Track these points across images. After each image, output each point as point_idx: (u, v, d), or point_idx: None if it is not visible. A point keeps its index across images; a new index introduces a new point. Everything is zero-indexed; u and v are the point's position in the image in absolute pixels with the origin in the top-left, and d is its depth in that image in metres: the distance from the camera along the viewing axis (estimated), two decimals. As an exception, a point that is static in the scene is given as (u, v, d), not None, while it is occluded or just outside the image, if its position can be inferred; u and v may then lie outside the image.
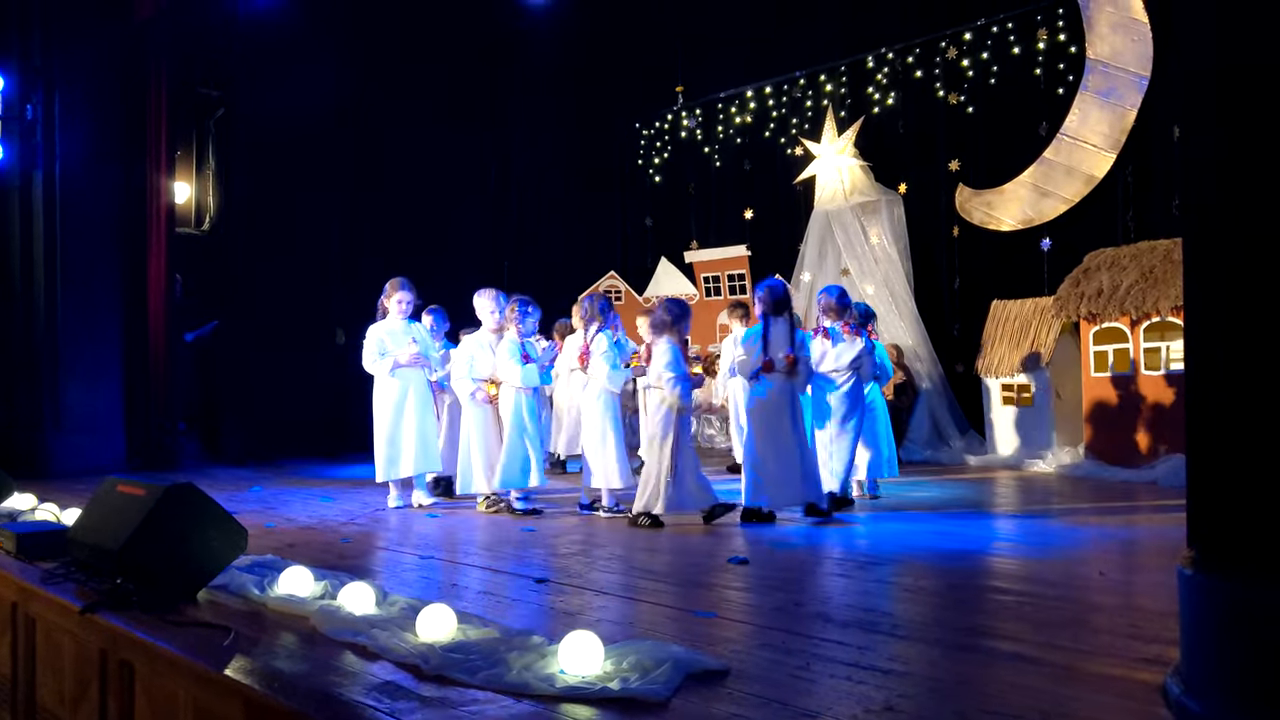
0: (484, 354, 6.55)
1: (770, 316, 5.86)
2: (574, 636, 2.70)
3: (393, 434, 6.63)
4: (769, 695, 2.54)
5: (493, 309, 6.63)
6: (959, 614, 3.53)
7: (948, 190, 10.56)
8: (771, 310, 5.87)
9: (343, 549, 4.97)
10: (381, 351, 6.64)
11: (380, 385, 6.71)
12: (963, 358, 10.26)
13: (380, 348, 6.65)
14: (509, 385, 6.37)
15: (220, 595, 3.65)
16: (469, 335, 6.90)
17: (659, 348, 5.88)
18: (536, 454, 6.31)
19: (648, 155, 13.85)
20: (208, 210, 10.75)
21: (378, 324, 6.80)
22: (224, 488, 7.50)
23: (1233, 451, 2.29)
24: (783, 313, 5.89)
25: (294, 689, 2.59)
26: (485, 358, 6.53)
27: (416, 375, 6.74)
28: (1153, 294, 8.07)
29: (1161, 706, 2.41)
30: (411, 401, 6.65)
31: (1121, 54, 9.26)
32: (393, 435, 6.63)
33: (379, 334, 6.72)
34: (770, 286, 5.96)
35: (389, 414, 6.63)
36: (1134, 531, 5.53)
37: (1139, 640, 3.05)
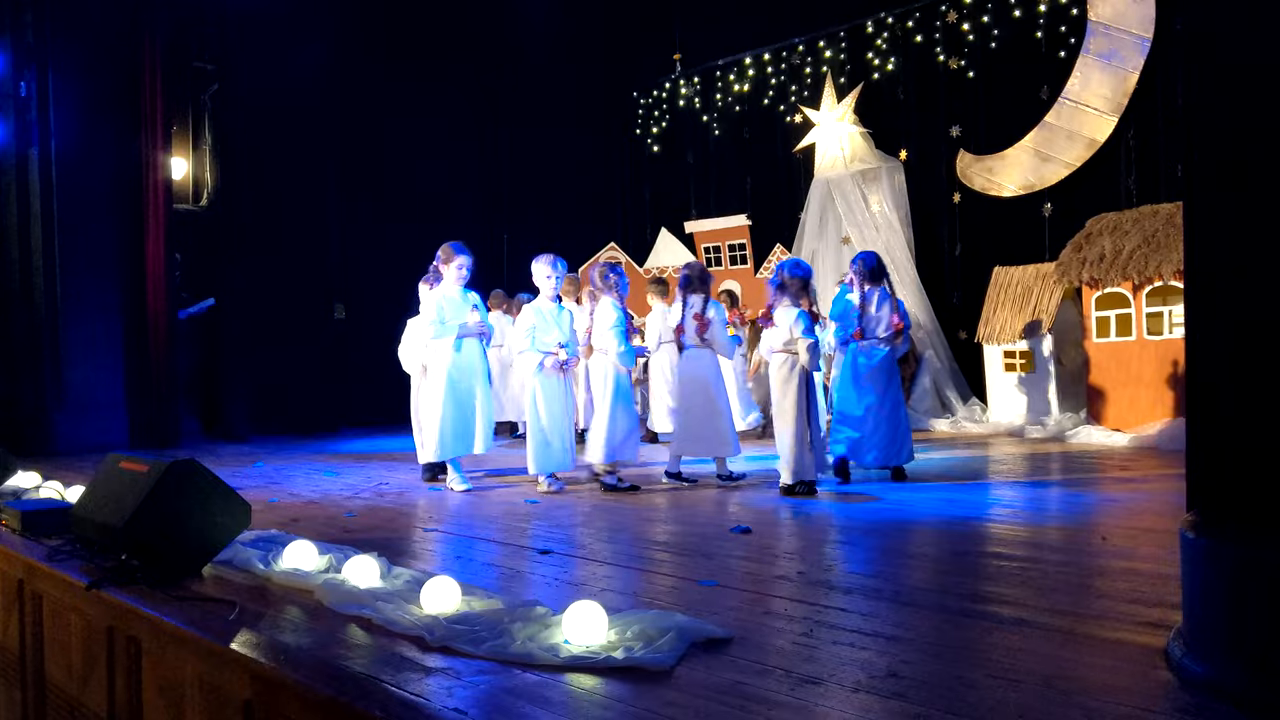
0: (546, 322, 6.14)
1: (869, 286, 6.23)
2: (578, 607, 2.71)
3: (459, 409, 6.12)
4: (773, 662, 2.55)
5: (549, 274, 6.19)
6: (962, 580, 3.54)
7: (948, 156, 10.49)
8: (868, 280, 6.23)
9: (346, 523, 4.98)
10: (441, 320, 6.17)
11: (440, 357, 6.17)
12: (964, 325, 10.24)
13: (439, 315, 6.18)
14: (605, 357, 6.14)
15: (225, 570, 3.66)
16: (529, 303, 6.42)
17: (787, 313, 5.78)
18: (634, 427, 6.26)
19: (646, 125, 13.75)
20: (205, 186, 10.70)
21: (434, 290, 6.35)
22: (227, 463, 7.52)
23: (1233, 415, 2.28)
24: (879, 282, 6.25)
25: (299, 662, 2.60)
26: (548, 326, 6.13)
27: (478, 346, 6.31)
28: (1155, 258, 8.04)
29: (1164, 669, 2.42)
30: (479, 374, 6.23)
31: (1123, 16, 9.16)
32: (459, 411, 6.12)
33: (437, 301, 6.24)
34: (864, 258, 6.36)
35: (452, 388, 6.11)
36: (1136, 496, 5.54)
37: (1141, 604, 3.06)
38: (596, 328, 6.20)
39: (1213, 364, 2.37)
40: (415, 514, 5.29)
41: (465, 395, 6.19)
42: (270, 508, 5.48)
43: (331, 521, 5.02)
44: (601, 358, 6.20)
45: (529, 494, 5.96)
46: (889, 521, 4.78)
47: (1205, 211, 2.42)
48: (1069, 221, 9.23)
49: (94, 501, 3.97)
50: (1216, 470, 2.35)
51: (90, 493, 4.12)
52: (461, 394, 6.18)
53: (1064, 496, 5.58)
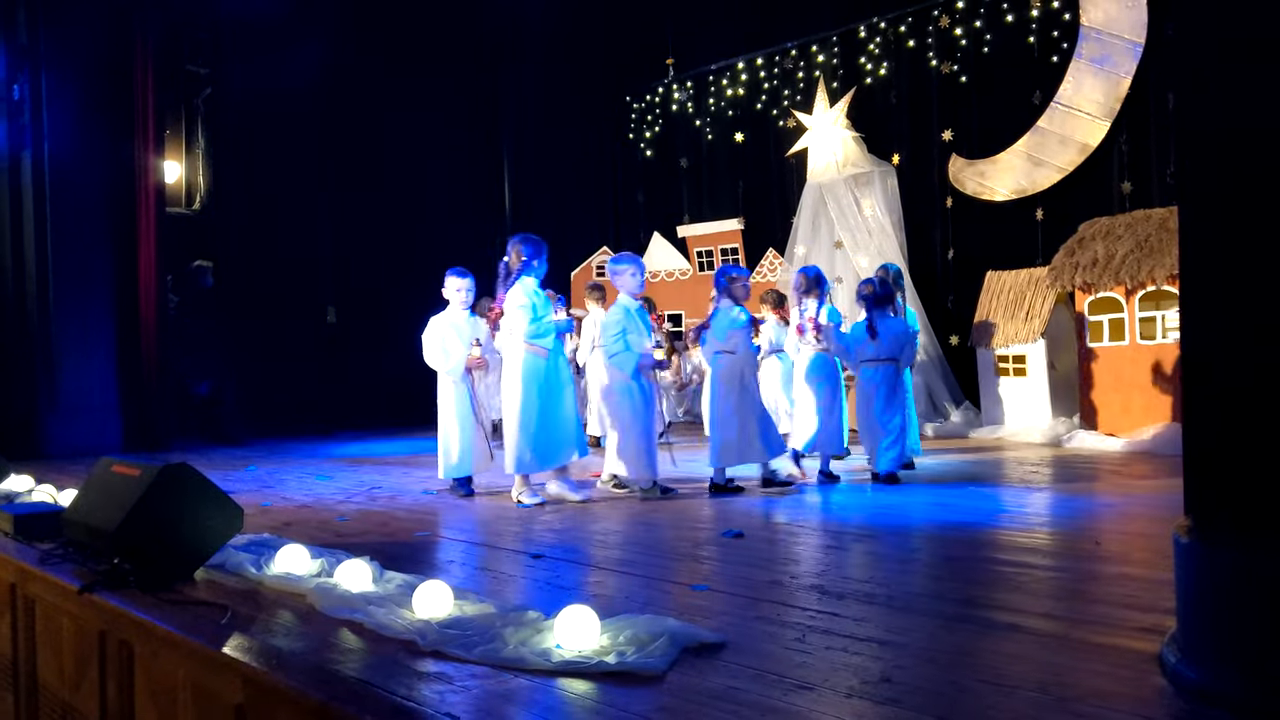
0: (636, 324, 5.94)
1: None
2: (570, 611, 2.71)
3: (545, 419, 5.72)
4: (765, 668, 2.55)
5: (634, 271, 6.02)
6: (955, 585, 3.54)
7: (941, 161, 10.51)
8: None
9: (339, 527, 4.97)
10: (444, 349, 6.11)
11: (526, 364, 5.73)
12: (957, 329, 10.26)
13: (442, 344, 6.13)
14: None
15: (217, 574, 3.65)
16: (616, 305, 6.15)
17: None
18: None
19: (638, 129, 13.76)
20: (198, 189, 10.68)
21: (439, 316, 6.25)
22: (220, 467, 7.49)
23: (1228, 420, 2.29)
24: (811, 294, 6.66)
25: (291, 666, 2.59)
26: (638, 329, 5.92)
27: (560, 351, 5.93)
28: (1148, 263, 8.06)
29: (1158, 675, 2.43)
30: (565, 382, 5.87)
31: (1115, 21, 9.19)
32: (546, 420, 5.72)
33: (440, 329, 6.18)
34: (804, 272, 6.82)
35: (542, 396, 5.72)
36: (1130, 501, 5.55)
37: (1135, 609, 3.07)
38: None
39: (1206, 368, 2.37)
40: (408, 518, 5.27)
41: (557, 405, 5.79)
42: (263, 511, 5.46)
43: (324, 525, 5.01)
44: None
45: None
46: (882, 526, 4.78)
47: (1198, 215, 2.43)
48: (1062, 226, 9.26)
49: (86, 505, 3.96)
50: (1210, 475, 2.35)
51: (83, 496, 4.10)
52: (552, 404, 5.77)
53: (1057, 501, 5.59)
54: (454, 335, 6.19)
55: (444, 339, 6.18)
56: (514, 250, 5.91)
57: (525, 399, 5.69)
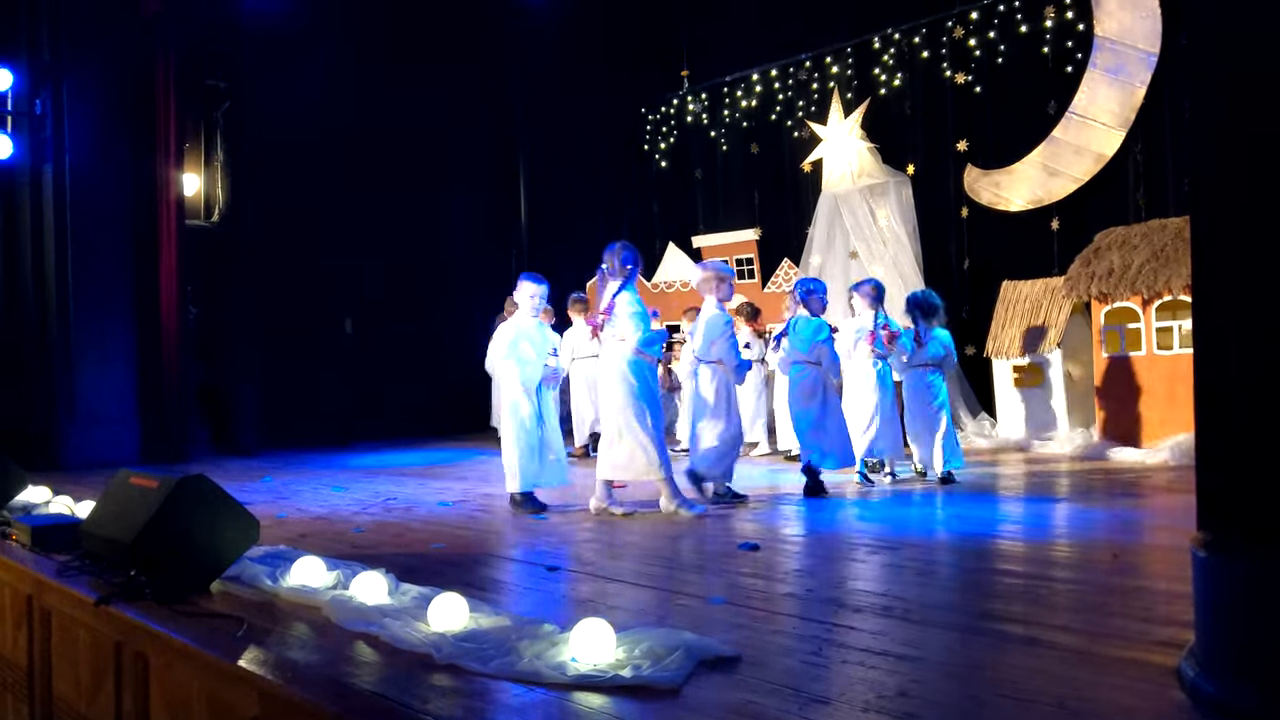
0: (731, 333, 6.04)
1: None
2: (585, 624, 2.70)
3: (658, 425, 5.66)
4: (781, 681, 2.54)
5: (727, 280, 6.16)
6: (972, 598, 3.52)
7: (956, 171, 10.49)
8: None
9: (355, 539, 4.98)
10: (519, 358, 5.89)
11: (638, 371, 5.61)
12: (973, 339, 10.21)
13: (516, 352, 5.89)
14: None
15: (233, 586, 3.66)
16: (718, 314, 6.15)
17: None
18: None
19: (654, 140, 13.80)
20: (216, 202, 10.77)
21: (510, 323, 6.06)
22: (236, 478, 7.53)
23: (1242, 431, 2.27)
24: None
25: (307, 679, 2.60)
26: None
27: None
28: (1164, 273, 8.01)
29: (1176, 689, 2.40)
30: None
31: (1130, 31, 9.16)
32: (658, 426, 5.66)
33: (512, 336, 5.94)
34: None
35: (654, 404, 5.67)
36: (1147, 512, 5.50)
37: (1152, 623, 3.04)
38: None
39: (1221, 379, 2.35)
40: (423, 530, 5.28)
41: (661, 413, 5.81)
42: (278, 523, 5.48)
43: (339, 537, 5.02)
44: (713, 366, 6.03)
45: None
46: (897, 538, 4.76)
47: (1212, 226, 2.41)
48: (1077, 236, 9.21)
49: (104, 517, 3.99)
50: (1227, 487, 2.33)
51: (100, 508, 4.13)
52: (660, 412, 5.77)
53: (1074, 512, 5.55)
54: (528, 344, 5.91)
55: (517, 347, 5.88)
56: (613, 258, 5.79)
57: (641, 406, 5.57)
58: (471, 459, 9.34)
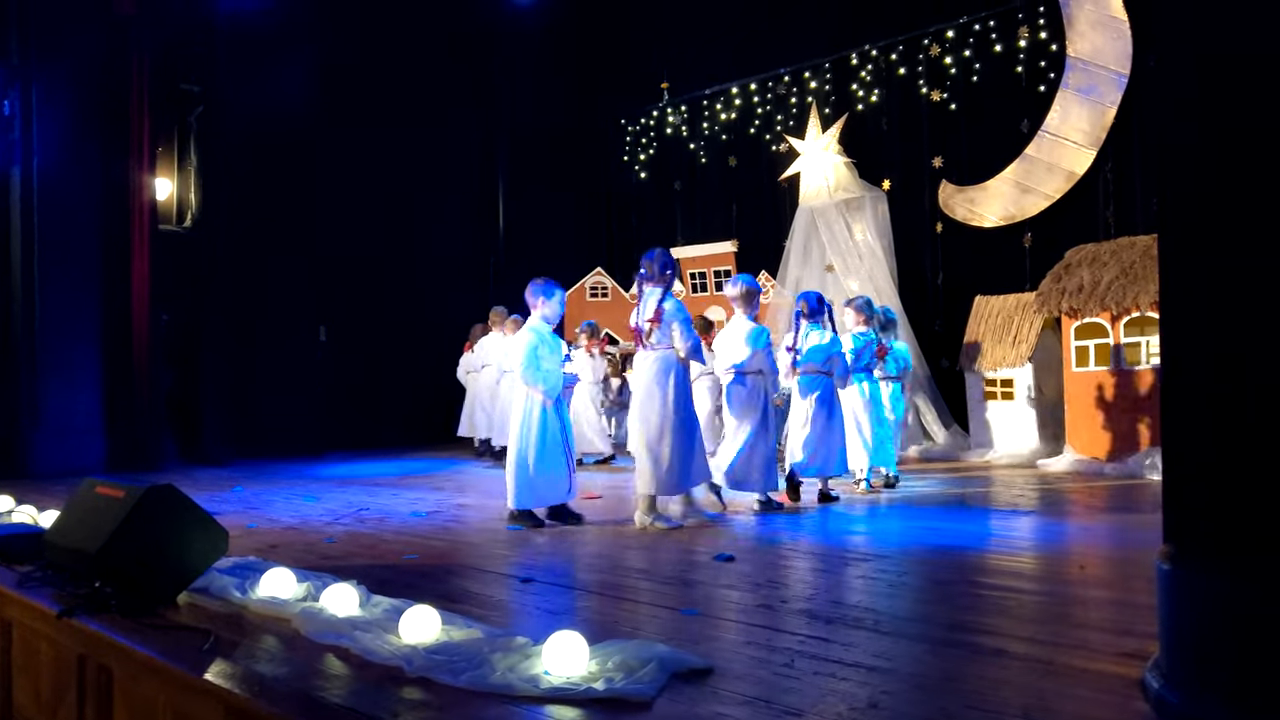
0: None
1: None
2: (558, 637, 2.70)
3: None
4: (754, 694, 2.54)
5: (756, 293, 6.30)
6: (942, 609, 3.55)
7: (931, 187, 10.60)
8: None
9: (326, 549, 4.94)
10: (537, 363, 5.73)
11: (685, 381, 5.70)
12: (946, 353, 10.30)
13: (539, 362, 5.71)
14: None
15: (200, 598, 3.62)
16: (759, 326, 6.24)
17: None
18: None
19: (633, 152, 13.84)
20: (190, 207, 10.67)
21: (535, 330, 5.80)
22: (205, 488, 7.45)
23: (1208, 446, 2.30)
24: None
25: (275, 693, 2.57)
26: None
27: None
28: (1133, 289, 8.13)
29: (1140, 700, 2.43)
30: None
31: (1101, 51, 9.32)
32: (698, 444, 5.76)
33: (536, 344, 5.74)
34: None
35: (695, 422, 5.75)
36: (1114, 525, 5.57)
37: (1118, 634, 3.07)
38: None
39: (1188, 395, 2.39)
40: (396, 541, 5.25)
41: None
42: (248, 533, 5.43)
43: (310, 548, 4.97)
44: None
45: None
46: (870, 550, 4.78)
47: (1179, 244, 2.46)
48: (1049, 252, 9.33)
49: (68, 527, 3.93)
50: (1191, 501, 2.37)
51: (64, 518, 4.07)
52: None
53: (1042, 525, 5.60)
54: (548, 350, 5.80)
55: (538, 355, 5.69)
56: (653, 265, 5.73)
57: (683, 414, 5.60)
58: (446, 469, 9.29)
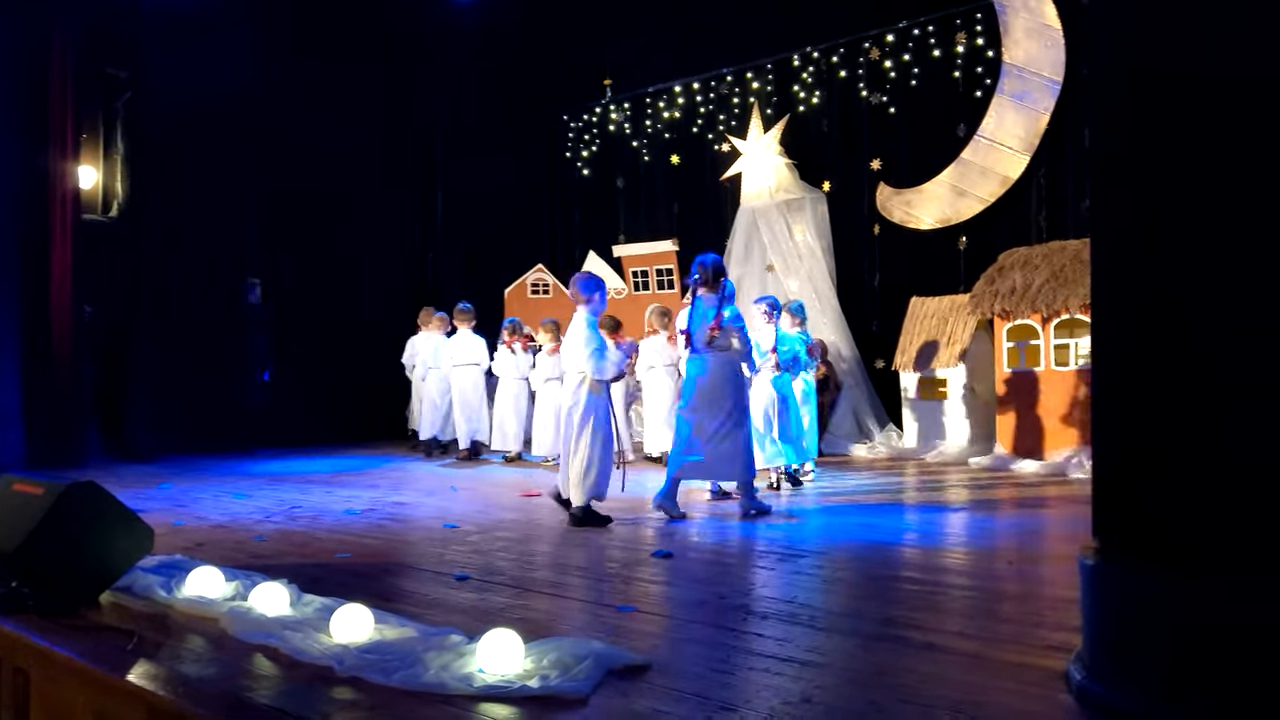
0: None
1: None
2: (493, 635, 2.68)
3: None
4: (689, 689, 2.55)
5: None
6: (875, 605, 3.60)
7: (870, 189, 10.76)
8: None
9: (256, 548, 4.83)
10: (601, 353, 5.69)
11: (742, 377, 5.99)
12: (882, 353, 10.47)
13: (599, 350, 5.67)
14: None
15: (124, 598, 3.52)
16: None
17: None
18: None
19: (575, 148, 13.80)
20: (115, 196, 10.34)
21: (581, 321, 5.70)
22: (131, 485, 7.23)
23: (1132, 446, 2.38)
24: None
25: (201, 694, 2.51)
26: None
27: None
28: (1063, 292, 8.35)
29: (1064, 692, 2.50)
30: None
31: (1036, 59, 9.55)
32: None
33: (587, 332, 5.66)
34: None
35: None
36: (1041, 522, 5.72)
37: (1044, 628, 3.16)
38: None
39: (1115, 396, 2.46)
40: (329, 539, 5.15)
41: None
42: (175, 531, 5.28)
43: (240, 546, 4.86)
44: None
45: (447, 519, 5.86)
46: (807, 546, 4.84)
47: (1109, 249, 2.53)
48: (983, 255, 9.54)
49: (-17, 525, 3.77)
50: (1116, 499, 2.44)
51: (-20, 516, 3.91)
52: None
53: (974, 521, 5.73)
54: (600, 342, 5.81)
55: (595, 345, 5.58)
56: (707, 271, 5.88)
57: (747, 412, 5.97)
58: (381, 466, 9.16)
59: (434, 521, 5.72)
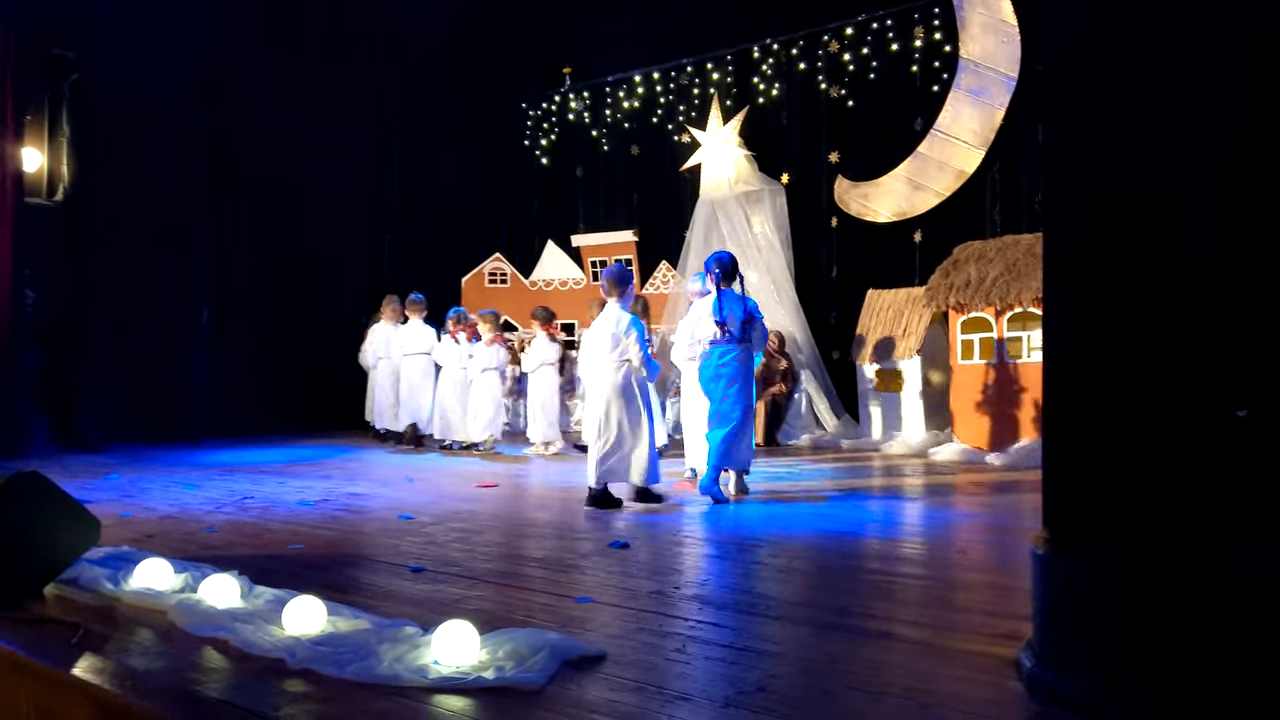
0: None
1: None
2: (448, 626, 2.66)
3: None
4: (644, 679, 2.56)
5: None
6: (830, 594, 3.64)
7: (828, 182, 10.83)
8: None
9: (206, 539, 4.75)
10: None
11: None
12: (839, 345, 10.57)
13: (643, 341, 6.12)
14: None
15: (70, 590, 3.44)
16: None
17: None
18: None
19: (534, 137, 13.71)
20: (61, 180, 10.06)
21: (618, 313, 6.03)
22: (77, 475, 7.07)
23: (1082, 438, 2.42)
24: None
25: (148, 687, 2.46)
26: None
27: None
28: (1016, 286, 8.49)
29: (1014, 679, 2.54)
30: None
31: (992, 54, 9.67)
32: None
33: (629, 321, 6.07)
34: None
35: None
36: (994, 512, 5.81)
37: (995, 617, 3.21)
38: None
39: (1066, 388, 2.51)
40: (281, 530, 5.08)
41: None
42: (123, 523, 5.18)
43: (190, 537, 4.78)
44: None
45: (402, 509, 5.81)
46: (763, 536, 4.87)
47: (1061, 244, 2.57)
48: (938, 248, 9.66)
49: (-80, 516, 3.66)
50: (1066, 490, 2.49)
51: (-84, 507, 3.79)
52: None
53: (927, 511, 5.81)
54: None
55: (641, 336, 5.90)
56: (728, 265, 6.23)
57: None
58: (337, 456, 9.05)
59: (389, 512, 5.67)
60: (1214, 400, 2.17)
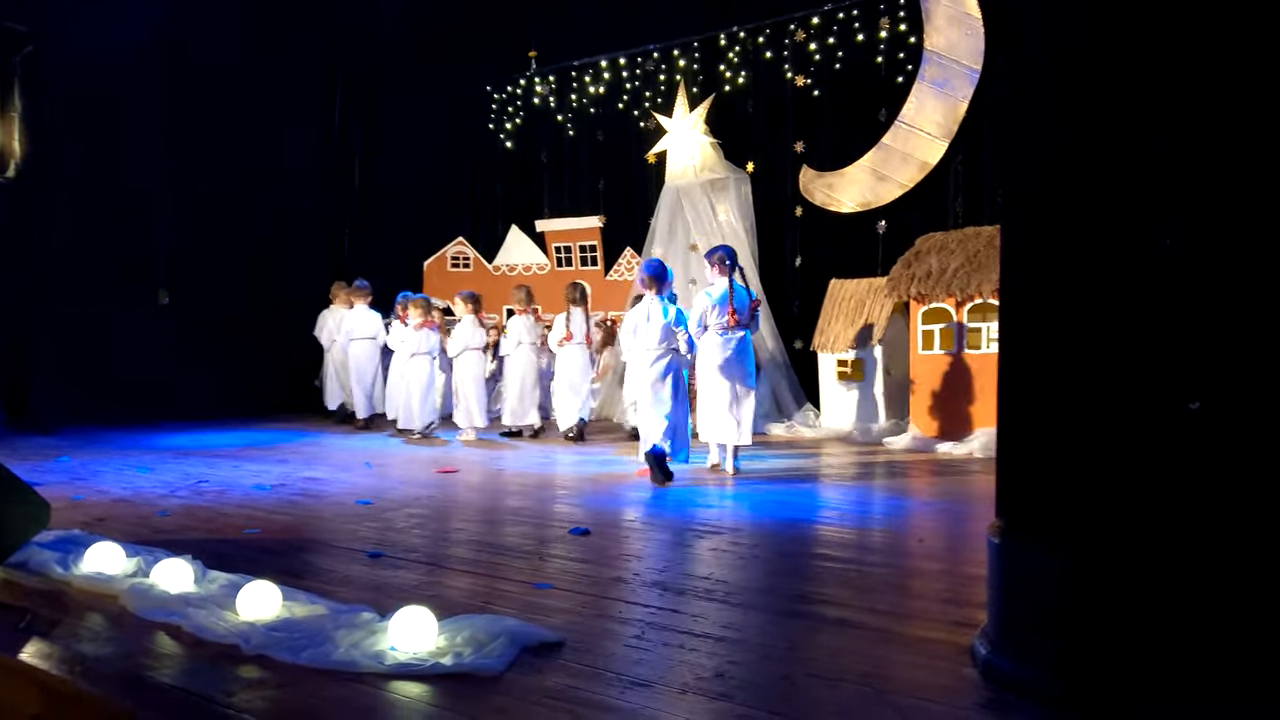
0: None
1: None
2: (406, 612, 2.64)
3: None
4: (603, 666, 2.56)
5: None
6: (789, 581, 3.66)
7: (793, 171, 10.86)
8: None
9: (159, 523, 4.67)
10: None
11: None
12: (801, 334, 10.62)
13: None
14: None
15: (18, 574, 3.37)
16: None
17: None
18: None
19: (499, 120, 13.59)
20: (14, 156, 9.78)
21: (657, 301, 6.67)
22: (28, 457, 6.92)
23: (1036, 428, 2.45)
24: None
25: (98, 674, 2.42)
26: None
27: None
28: (976, 277, 8.58)
29: (970, 666, 2.58)
30: None
31: (956, 47, 9.74)
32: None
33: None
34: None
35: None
36: (951, 501, 5.89)
37: (952, 604, 3.25)
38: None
39: (1021, 379, 2.54)
40: (236, 514, 5.01)
41: None
42: (74, 506, 5.08)
43: (143, 521, 4.70)
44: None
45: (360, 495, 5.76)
46: (723, 523, 4.89)
47: (1019, 237, 2.60)
48: (901, 239, 9.73)
49: None
50: (1021, 479, 2.52)
51: None
52: None
53: (886, 500, 5.87)
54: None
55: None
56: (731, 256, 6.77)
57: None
58: (294, 440, 8.94)
59: (347, 497, 5.61)
60: (1160, 394, 2.20)
